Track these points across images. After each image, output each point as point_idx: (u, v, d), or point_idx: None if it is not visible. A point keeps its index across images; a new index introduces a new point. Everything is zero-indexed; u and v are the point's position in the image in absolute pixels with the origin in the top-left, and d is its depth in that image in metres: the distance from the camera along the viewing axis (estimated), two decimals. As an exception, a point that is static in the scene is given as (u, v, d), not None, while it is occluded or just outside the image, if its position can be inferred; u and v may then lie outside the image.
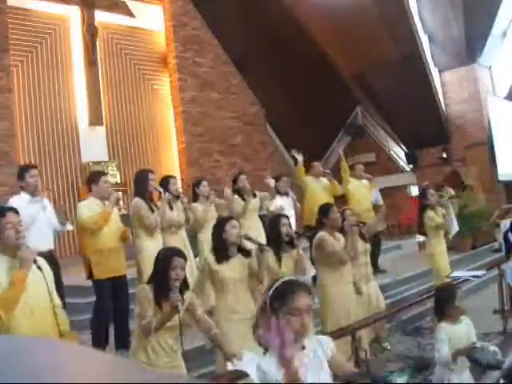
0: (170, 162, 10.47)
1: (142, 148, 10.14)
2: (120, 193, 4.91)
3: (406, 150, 12.78)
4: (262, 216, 6.07)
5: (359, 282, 4.85)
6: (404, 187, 13.10)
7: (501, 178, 11.38)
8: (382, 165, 12.99)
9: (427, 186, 6.79)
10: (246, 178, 6.01)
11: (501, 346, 4.19)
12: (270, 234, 4.34)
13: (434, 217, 5.86)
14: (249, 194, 5.92)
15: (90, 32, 9.36)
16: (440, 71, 12.21)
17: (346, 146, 13.31)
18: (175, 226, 5.13)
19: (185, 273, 3.11)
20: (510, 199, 11.26)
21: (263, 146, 11.70)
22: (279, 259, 4.15)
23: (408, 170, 13.09)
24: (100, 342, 4.37)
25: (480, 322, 4.90)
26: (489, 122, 11.61)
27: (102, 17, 9.62)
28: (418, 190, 11.91)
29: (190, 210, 5.41)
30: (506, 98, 12.49)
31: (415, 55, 10.74)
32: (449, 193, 7.50)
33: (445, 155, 12.06)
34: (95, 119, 9.45)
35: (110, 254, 4.45)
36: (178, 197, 5.31)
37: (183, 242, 5.09)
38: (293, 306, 1.91)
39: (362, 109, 13.70)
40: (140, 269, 4.74)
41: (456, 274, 5.35)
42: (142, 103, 10.25)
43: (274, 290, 2.02)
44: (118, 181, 9.11)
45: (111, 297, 4.51)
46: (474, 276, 5.35)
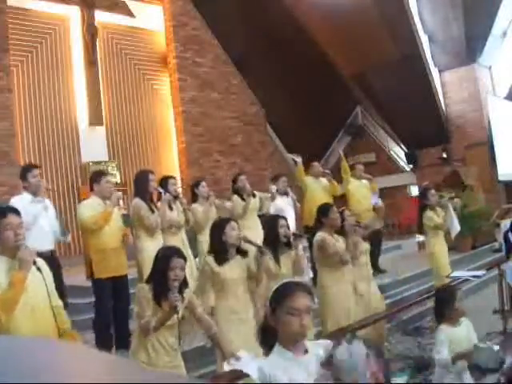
0: (170, 162, 10.47)
1: (142, 148, 10.14)
2: (120, 193, 4.88)
3: (406, 150, 12.79)
4: (261, 216, 6.07)
5: (360, 282, 4.85)
6: (404, 187, 13.10)
7: (501, 177, 11.38)
8: (382, 165, 12.99)
9: (428, 186, 6.79)
10: (245, 178, 6.01)
11: (501, 346, 4.20)
12: (268, 235, 4.32)
13: (433, 217, 5.86)
14: (248, 194, 5.92)
15: (90, 32, 9.36)
16: (440, 71, 12.21)
17: (346, 146, 13.32)
18: (175, 227, 5.12)
19: (184, 273, 3.10)
20: (510, 199, 11.26)
21: (263, 146, 11.70)
22: (277, 260, 4.15)
23: (408, 170, 13.09)
24: (104, 342, 4.35)
25: (480, 322, 4.90)
26: (489, 122, 11.61)
27: (102, 17, 9.62)
28: (418, 190, 11.92)
29: (189, 210, 5.41)
30: (506, 98, 12.49)
31: (415, 55, 10.74)
32: (448, 194, 7.50)
33: (445, 155, 12.07)
34: (95, 119, 9.45)
35: (111, 253, 4.45)
36: (176, 197, 5.30)
37: (183, 242, 5.09)
38: (292, 306, 1.91)
39: (362, 109, 13.70)
40: (140, 269, 4.74)
41: (456, 273, 5.34)
42: (141, 103, 10.25)
43: (274, 292, 2.02)
44: (118, 181, 9.11)
45: (111, 297, 4.50)
46: (474, 276, 5.35)
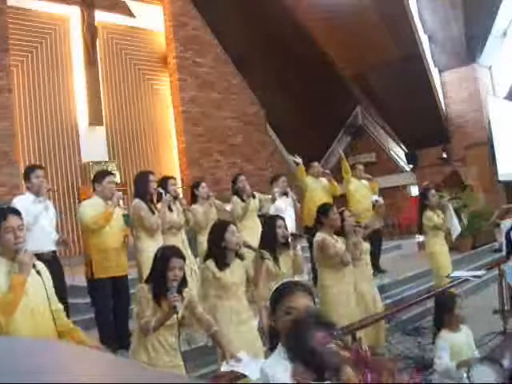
0: (170, 162, 10.47)
1: (142, 148, 10.14)
2: (120, 193, 4.88)
3: (406, 150, 12.79)
4: (260, 216, 6.06)
5: (361, 282, 4.84)
6: (404, 187, 13.10)
7: (501, 178, 11.38)
8: (382, 165, 12.99)
9: (428, 186, 6.78)
10: (245, 178, 6.01)
11: (501, 346, 4.19)
12: (266, 235, 4.29)
13: (433, 217, 5.87)
14: (248, 195, 5.91)
15: (90, 32, 9.37)
16: (440, 71, 12.21)
17: (346, 146, 13.33)
18: (176, 228, 5.12)
19: (183, 272, 3.10)
20: (510, 199, 11.26)
21: (263, 146, 11.70)
22: (276, 260, 4.15)
23: (408, 170, 13.09)
24: (107, 342, 4.33)
25: (480, 322, 4.91)
26: (489, 122, 11.61)
27: (101, 17, 9.63)
28: (418, 190, 11.92)
29: (189, 211, 5.40)
30: (506, 97, 12.48)
31: (415, 55, 10.74)
32: (448, 195, 7.50)
33: (445, 155, 12.07)
34: (95, 119, 9.45)
35: (112, 253, 4.44)
36: (176, 198, 5.29)
37: (183, 243, 5.08)
38: (290, 306, 1.91)
39: (362, 109, 13.70)
40: (140, 270, 4.73)
41: (456, 273, 5.35)
42: (141, 103, 10.25)
43: (274, 292, 2.02)
44: (118, 181, 9.10)
45: (112, 297, 4.49)
46: (474, 276, 5.35)
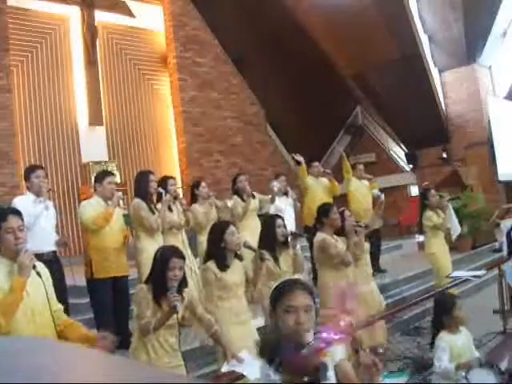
0: (170, 162, 10.47)
1: (142, 148, 10.14)
2: (120, 193, 4.87)
3: (406, 150, 12.79)
4: (260, 216, 6.06)
5: (362, 282, 4.83)
6: (404, 187, 13.11)
7: (501, 177, 11.38)
8: (382, 165, 12.99)
9: (428, 186, 6.78)
10: (245, 178, 6.00)
11: (501, 346, 4.19)
12: (266, 234, 4.29)
13: (432, 217, 5.88)
14: (248, 195, 5.91)
15: (90, 32, 9.36)
16: (440, 71, 12.21)
17: (346, 146, 13.33)
18: (176, 228, 5.12)
19: (183, 272, 3.10)
20: (510, 199, 11.26)
21: (263, 146, 11.69)
22: (276, 260, 4.14)
23: (408, 170, 13.09)
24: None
25: (480, 322, 4.91)
26: (489, 122, 11.60)
27: (102, 17, 9.63)
28: (417, 190, 11.93)
29: (189, 211, 5.39)
30: (506, 97, 12.49)
31: (415, 55, 10.74)
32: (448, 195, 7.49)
33: (445, 155, 12.07)
34: (95, 119, 9.45)
35: (112, 253, 4.44)
36: (176, 198, 5.29)
37: (183, 243, 5.08)
38: (288, 304, 1.91)
39: (362, 109, 13.71)
40: (140, 270, 4.73)
41: (456, 273, 5.35)
42: (142, 103, 10.25)
43: (274, 290, 2.02)
44: (118, 181, 9.10)
45: (112, 297, 4.49)
46: (474, 276, 5.35)
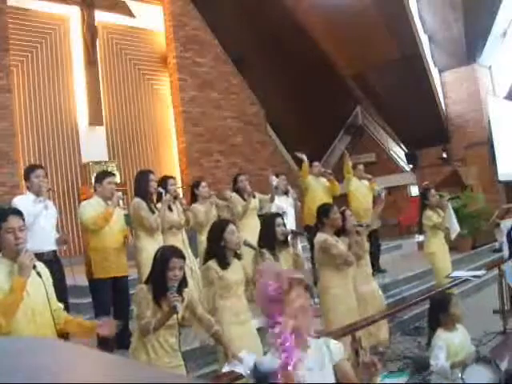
0: (170, 162, 10.47)
1: (142, 148, 10.14)
2: (120, 193, 4.87)
3: (406, 150, 12.79)
4: (260, 216, 6.06)
5: (363, 282, 4.83)
6: (404, 187, 13.10)
7: (501, 177, 11.37)
8: (382, 165, 12.99)
9: (428, 186, 6.78)
10: (246, 178, 6.02)
11: (501, 346, 4.19)
12: (265, 233, 4.29)
13: (432, 216, 5.89)
14: (249, 194, 5.92)
15: (90, 32, 9.36)
16: (440, 71, 12.21)
17: (346, 145, 13.32)
18: (176, 228, 5.12)
19: (183, 272, 3.10)
20: (510, 199, 11.25)
21: (263, 146, 11.69)
22: (276, 259, 4.15)
23: (408, 170, 13.09)
24: (105, 342, 4.34)
25: (480, 322, 4.92)
26: (489, 122, 11.60)
27: (101, 17, 9.62)
28: (418, 190, 11.92)
29: (189, 211, 5.39)
30: (506, 97, 12.48)
31: (415, 55, 10.74)
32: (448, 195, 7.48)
33: (445, 155, 12.07)
34: (95, 119, 9.45)
35: (111, 253, 4.44)
36: (176, 197, 5.29)
37: (183, 242, 5.08)
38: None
39: (362, 109, 13.70)
40: (140, 270, 4.73)
41: (456, 273, 5.35)
42: (142, 103, 10.25)
43: None
44: (118, 181, 9.10)
45: (111, 297, 4.49)
46: (474, 276, 5.35)
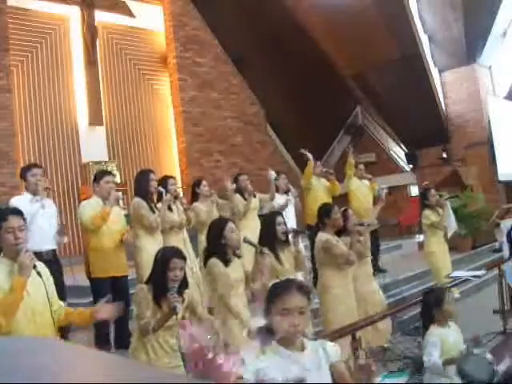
0: (170, 162, 10.47)
1: (142, 148, 10.14)
2: (120, 193, 4.87)
3: (406, 150, 12.79)
4: (260, 216, 6.06)
5: (365, 281, 4.83)
6: (404, 187, 13.10)
7: (501, 177, 11.37)
8: (382, 165, 12.99)
9: (428, 186, 6.78)
10: (247, 178, 6.02)
11: (501, 346, 4.19)
12: (266, 232, 4.27)
13: (430, 215, 5.92)
14: (250, 193, 5.92)
15: (90, 32, 9.37)
16: (440, 71, 12.21)
17: (346, 145, 13.31)
18: (177, 227, 5.11)
19: (183, 273, 3.10)
20: (510, 199, 11.25)
21: (263, 146, 11.69)
22: (278, 257, 4.14)
23: (408, 170, 13.09)
24: (102, 342, 4.35)
25: (480, 322, 4.91)
26: (489, 122, 11.60)
27: (102, 17, 9.63)
28: (418, 190, 11.92)
29: (191, 210, 5.38)
30: (506, 97, 12.48)
31: (415, 55, 10.74)
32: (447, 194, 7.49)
33: (445, 155, 12.06)
34: (95, 119, 9.45)
35: (110, 253, 4.44)
36: (176, 197, 5.29)
37: (184, 242, 5.07)
38: (283, 306, 1.89)
39: (362, 109, 13.70)
40: (139, 269, 4.73)
41: (456, 273, 5.35)
42: (142, 103, 10.25)
43: (269, 291, 2.01)
44: (118, 181, 9.10)
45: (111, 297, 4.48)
46: (474, 276, 5.35)
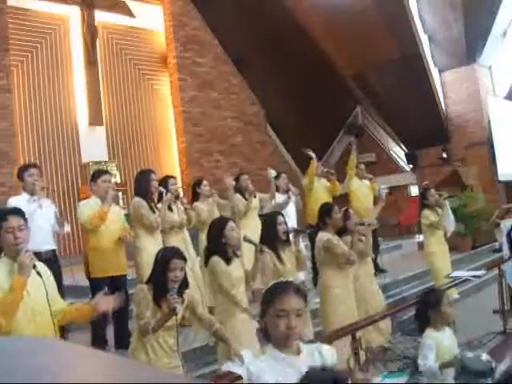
0: (170, 162, 10.48)
1: (141, 148, 10.15)
2: (115, 192, 4.85)
3: (406, 150, 12.79)
4: (261, 216, 6.07)
5: (366, 281, 4.83)
6: (404, 187, 13.10)
7: (501, 177, 11.37)
8: (382, 165, 12.99)
9: (428, 186, 6.78)
10: (248, 178, 6.04)
11: (501, 346, 4.19)
12: (267, 232, 4.27)
13: (429, 215, 5.92)
14: (251, 193, 5.93)
15: (90, 32, 9.37)
16: (440, 71, 12.21)
17: (346, 145, 13.32)
18: (177, 227, 5.11)
19: (184, 273, 3.10)
20: (510, 199, 11.25)
21: (263, 146, 11.70)
22: (279, 257, 4.14)
23: (408, 170, 13.09)
24: (99, 341, 4.36)
25: (480, 322, 4.91)
26: (489, 122, 11.60)
27: (102, 17, 9.63)
28: (418, 190, 11.92)
29: (192, 209, 5.38)
30: (506, 97, 12.48)
31: (415, 55, 10.74)
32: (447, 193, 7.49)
33: (445, 155, 12.07)
34: (95, 119, 9.45)
35: (109, 253, 4.43)
36: (177, 197, 5.29)
37: (185, 242, 5.06)
38: (279, 308, 1.88)
39: (362, 109, 13.70)
40: (139, 269, 4.73)
41: (456, 273, 5.35)
42: (142, 103, 10.25)
43: (265, 292, 2.00)
44: (118, 181, 9.11)
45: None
46: (474, 276, 5.35)
